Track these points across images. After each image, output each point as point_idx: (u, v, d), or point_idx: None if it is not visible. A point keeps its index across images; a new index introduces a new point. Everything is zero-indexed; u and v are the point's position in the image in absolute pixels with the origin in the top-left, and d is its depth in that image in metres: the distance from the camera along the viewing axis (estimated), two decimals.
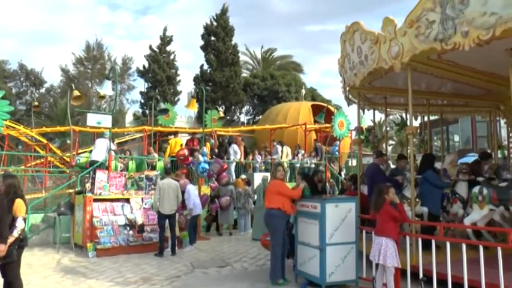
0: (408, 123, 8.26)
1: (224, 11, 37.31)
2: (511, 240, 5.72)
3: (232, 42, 37.11)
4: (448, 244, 6.33)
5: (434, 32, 6.65)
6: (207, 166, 13.33)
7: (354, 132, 21.15)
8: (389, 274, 6.52)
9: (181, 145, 17.99)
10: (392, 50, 7.36)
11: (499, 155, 13.20)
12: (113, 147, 14.01)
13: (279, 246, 7.88)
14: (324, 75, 72.44)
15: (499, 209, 7.89)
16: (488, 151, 12.90)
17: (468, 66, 8.68)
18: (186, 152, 13.73)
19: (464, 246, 6.19)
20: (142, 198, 11.97)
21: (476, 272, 5.92)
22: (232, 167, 17.64)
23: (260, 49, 47.68)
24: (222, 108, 36.09)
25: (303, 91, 32.59)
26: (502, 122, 14.83)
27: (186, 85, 64.41)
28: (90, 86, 42.08)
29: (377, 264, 6.80)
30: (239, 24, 66.39)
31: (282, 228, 7.89)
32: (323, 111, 23.20)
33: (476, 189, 8.26)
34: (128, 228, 11.22)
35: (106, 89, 13.96)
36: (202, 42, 37.14)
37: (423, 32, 6.80)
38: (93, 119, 12.95)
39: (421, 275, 6.53)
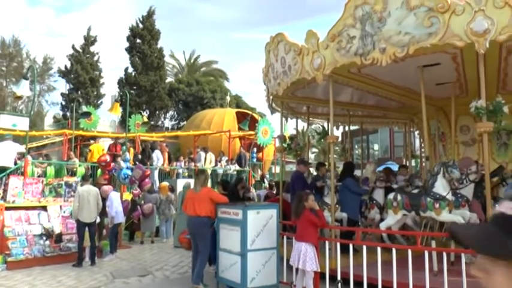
0: (329, 132, 8.59)
1: (151, 14, 36.64)
2: (420, 242, 6.13)
3: (158, 46, 36.51)
4: (364, 247, 6.71)
5: (355, 47, 7.05)
6: (129, 172, 13.07)
7: (277, 140, 21.56)
8: (309, 278, 6.75)
9: (103, 150, 17.50)
10: (314, 62, 7.69)
11: (413, 163, 14.04)
12: (19, 149, 13.12)
13: (207, 253, 7.97)
14: (249, 83, 73.32)
15: (411, 214, 8.40)
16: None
17: (386, 81, 9.23)
18: (108, 157, 13.37)
19: (379, 249, 6.63)
20: (60, 206, 11.25)
21: (390, 273, 6.33)
22: (156, 174, 17.40)
23: (186, 54, 47.46)
24: (146, 113, 35.41)
25: (228, 98, 32.74)
26: (416, 133, 15.79)
27: (109, 88, 62.67)
28: (4, 85, 39.83)
29: (297, 269, 7.01)
30: (166, 28, 65.74)
31: (210, 235, 7.98)
32: (247, 119, 23.48)
33: (391, 196, 8.75)
34: (45, 238, 10.48)
35: (23, 89, 13.16)
36: (127, 44, 36.28)
37: (344, 47, 7.18)
38: (7, 121, 12.18)
39: (338, 277, 6.84)
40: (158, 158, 17.86)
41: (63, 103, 35.89)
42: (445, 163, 8.29)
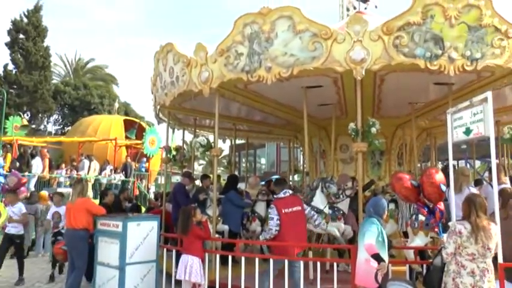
0: (214, 145, 8.70)
1: (38, 9, 34.23)
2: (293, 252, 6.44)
3: (45, 44, 34.32)
4: (243, 259, 6.87)
5: (242, 64, 7.25)
6: (2, 179, 12.11)
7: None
8: None
9: None
10: (202, 75, 7.78)
11: (296, 178, 14.62)
12: None
13: (84, 269, 7.65)
14: (139, 91, 71.80)
15: None
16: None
17: (271, 99, 9.57)
18: None
19: (257, 260, 6.84)
20: None
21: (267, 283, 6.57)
22: (32, 182, 16.29)
23: (75, 56, 45.36)
24: (27, 115, 33.08)
25: (116, 104, 31.76)
26: (300, 149, 16.53)
27: None
28: None
29: (178, 281, 6.99)
30: (54, 26, 62.03)
31: (87, 249, 7.65)
32: (135, 127, 23.00)
33: (311, 210, 9.05)
34: None
35: None
36: (8, 39, 33.59)
37: (232, 62, 7.35)
38: None
39: None
40: (38, 165, 16.78)
41: None
42: (324, 179, 8.81)
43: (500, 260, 5.16)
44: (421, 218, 6.98)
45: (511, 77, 7.29)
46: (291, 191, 7.03)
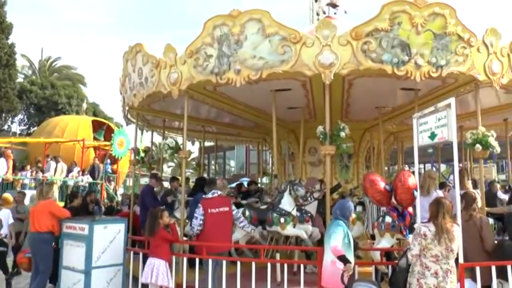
0: (183, 147, 8.64)
1: (1, 4, 33.17)
2: (264, 255, 6.44)
3: (9, 41, 33.35)
4: (210, 261, 6.83)
5: (211, 66, 7.24)
6: None
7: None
8: None
9: None
10: (171, 76, 7.73)
11: (265, 180, 14.66)
12: None
13: (48, 274, 7.49)
14: (108, 91, 70.76)
15: (258, 228, 8.75)
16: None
17: (240, 101, 9.58)
18: None
19: (224, 263, 6.81)
20: None
21: (234, 286, 6.57)
22: None
23: (42, 54, 44.43)
24: None
25: (84, 105, 31.20)
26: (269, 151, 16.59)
27: None
28: None
29: (144, 285, 6.91)
30: (19, 23, 60.52)
31: (52, 253, 7.51)
32: (103, 128, 22.67)
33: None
34: None
35: None
36: None
37: (201, 64, 7.33)
38: None
39: None
40: (1, 167, 16.32)
41: None
42: (292, 181, 8.88)
43: (461, 260, 5.34)
44: (388, 220, 7.09)
45: (472, 84, 7.47)
46: (219, 192, 7.19)
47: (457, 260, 5.19)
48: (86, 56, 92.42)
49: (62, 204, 10.16)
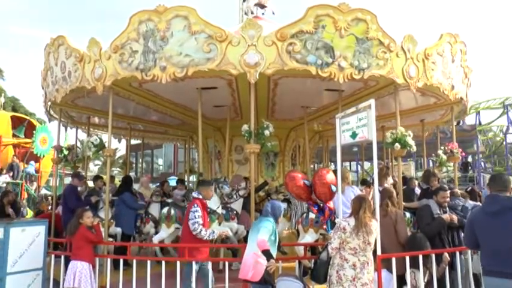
0: (108, 145, 8.42)
1: None
2: (187, 253, 6.42)
3: None
4: (134, 262, 6.73)
5: (136, 62, 7.12)
6: None
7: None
8: None
9: None
10: (96, 71, 7.53)
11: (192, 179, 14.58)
12: None
13: None
14: (29, 85, 67.37)
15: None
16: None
17: (166, 98, 9.47)
18: None
19: (149, 263, 6.71)
20: None
21: (159, 285, 6.50)
22: None
23: None
24: None
25: (2, 99, 29.53)
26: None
27: None
28: None
29: None
30: None
31: None
32: (24, 125, 21.63)
33: (165, 210, 9.02)
34: None
35: None
36: None
37: (126, 60, 7.20)
38: None
39: None
40: None
41: None
42: (217, 179, 8.94)
43: (378, 252, 5.68)
44: (311, 216, 7.35)
45: (392, 86, 7.85)
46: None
47: (375, 252, 5.52)
48: (3, 47, 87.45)
49: None
